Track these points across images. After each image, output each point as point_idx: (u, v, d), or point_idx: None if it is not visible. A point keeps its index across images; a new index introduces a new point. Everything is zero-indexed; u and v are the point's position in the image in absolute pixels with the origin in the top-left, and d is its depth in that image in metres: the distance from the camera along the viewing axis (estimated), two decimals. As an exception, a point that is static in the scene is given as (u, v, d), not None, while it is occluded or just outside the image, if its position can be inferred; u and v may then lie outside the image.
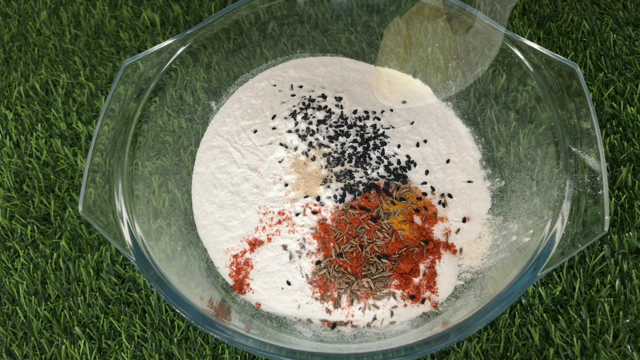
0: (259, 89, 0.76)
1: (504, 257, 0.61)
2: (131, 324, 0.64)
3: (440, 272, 0.62)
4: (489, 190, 0.69)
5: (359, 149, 0.68)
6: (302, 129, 0.70)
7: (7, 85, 0.85)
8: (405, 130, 0.71)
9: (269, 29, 0.75)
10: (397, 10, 0.73)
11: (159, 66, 0.67)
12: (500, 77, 0.68)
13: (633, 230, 0.65)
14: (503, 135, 0.69)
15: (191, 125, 0.73)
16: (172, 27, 0.88)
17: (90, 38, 0.89)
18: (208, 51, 0.71)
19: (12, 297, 0.67)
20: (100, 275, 0.67)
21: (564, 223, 0.55)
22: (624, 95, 0.75)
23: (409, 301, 0.61)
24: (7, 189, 0.75)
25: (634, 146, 0.71)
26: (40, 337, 0.64)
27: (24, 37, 0.90)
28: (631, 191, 0.68)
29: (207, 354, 0.62)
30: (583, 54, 0.80)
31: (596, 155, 0.57)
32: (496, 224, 0.66)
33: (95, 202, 0.58)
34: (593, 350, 0.59)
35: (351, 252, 0.62)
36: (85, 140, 0.78)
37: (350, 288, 0.61)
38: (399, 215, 0.64)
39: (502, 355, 0.60)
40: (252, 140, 0.72)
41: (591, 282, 0.63)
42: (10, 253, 0.70)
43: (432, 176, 0.68)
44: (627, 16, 0.83)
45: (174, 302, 0.53)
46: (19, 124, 0.81)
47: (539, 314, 0.62)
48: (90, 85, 0.83)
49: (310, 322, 0.61)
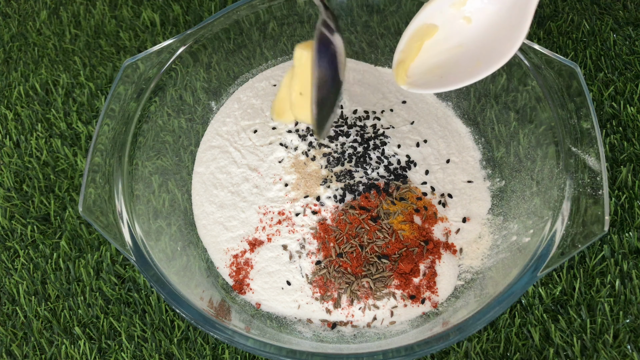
0: (259, 89, 0.76)
1: (504, 257, 0.61)
2: (131, 324, 0.64)
3: (440, 272, 0.62)
4: (489, 190, 0.69)
5: (359, 149, 0.68)
6: (302, 128, 0.70)
7: (7, 85, 0.85)
8: (405, 130, 0.71)
9: (269, 29, 0.75)
10: (397, 10, 0.73)
11: (159, 66, 0.67)
12: (500, 77, 0.68)
13: (633, 230, 0.65)
14: (503, 135, 0.69)
15: (191, 125, 0.73)
16: (172, 27, 0.88)
17: (90, 38, 0.89)
18: (208, 51, 0.71)
19: (12, 297, 0.67)
20: (100, 275, 0.67)
21: (564, 223, 0.55)
22: (624, 95, 0.75)
23: (409, 301, 0.61)
24: (7, 189, 0.75)
25: (634, 146, 0.71)
26: (40, 337, 0.64)
27: (24, 37, 0.90)
28: (631, 191, 0.68)
29: (207, 354, 0.62)
30: (583, 54, 0.80)
31: (596, 155, 0.57)
32: (496, 224, 0.66)
33: (95, 202, 0.58)
34: (593, 350, 0.59)
35: (351, 252, 0.62)
36: (85, 140, 0.78)
37: (350, 288, 0.61)
38: (399, 215, 0.64)
39: (502, 355, 0.60)
40: (252, 140, 0.72)
41: (591, 282, 0.63)
42: (10, 253, 0.70)
43: (432, 176, 0.68)
44: (627, 16, 0.83)
45: (174, 302, 0.53)
46: (19, 124, 0.81)
47: (539, 314, 0.62)
48: (90, 85, 0.83)
49: (310, 322, 0.61)
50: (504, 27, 0.52)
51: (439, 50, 0.56)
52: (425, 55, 0.56)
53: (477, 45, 0.54)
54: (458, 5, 0.54)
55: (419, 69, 0.56)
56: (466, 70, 0.53)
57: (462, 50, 0.54)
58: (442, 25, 0.55)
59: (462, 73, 0.54)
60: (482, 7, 0.53)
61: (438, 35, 0.55)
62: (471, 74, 0.53)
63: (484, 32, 0.53)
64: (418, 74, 0.56)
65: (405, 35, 0.56)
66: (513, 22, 0.51)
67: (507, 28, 0.51)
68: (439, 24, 0.55)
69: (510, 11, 0.51)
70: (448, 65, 0.55)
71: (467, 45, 0.54)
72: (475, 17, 0.54)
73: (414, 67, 0.57)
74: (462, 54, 0.54)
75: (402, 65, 0.56)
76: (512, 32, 0.51)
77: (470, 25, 0.54)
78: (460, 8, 0.54)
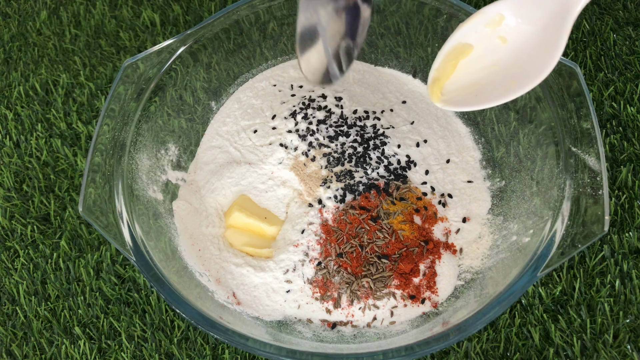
0: (259, 89, 0.76)
1: (504, 257, 0.61)
2: (131, 324, 0.64)
3: (440, 272, 0.62)
4: (489, 190, 0.69)
5: (359, 149, 0.68)
6: (302, 129, 0.70)
7: (7, 85, 0.85)
8: (405, 130, 0.71)
9: (269, 29, 0.75)
10: (397, 10, 0.73)
11: (159, 66, 0.67)
12: (500, 77, 0.68)
13: (633, 230, 0.65)
14: (503, 135, 0.69)
15: (191, 125, 0.73)
16: (172, 27, 0.88)
17: (90, 38, 0.89)
18: (208, 51, 0.71)
19: (12, 297, 0.67)
20: (100, 275, 0.67)
21: (564, 223, 0.55)
22: (624, 95, 0.75)
23: (409, 301, 0.61)
24: (7, 189, 0.75)
25: (634, 146, 0.71)
26: (40, 337, 0.64)
27: (24, 37, 0.90)
28: (631, 191, 0.68)
29: (207, 354, 0.62)
30: (583, 54, 0.80)
31: (596, 155, 0.57)
32: (496, 224, 0.66)
33: (95, 202, 0.58)
34: (593, 350, 0.59)
35: (351, 252, 0.62)
36: (85, 140, 0.78)
37: (350, 288, 0.61)
38: (399, 215, 0.64)
39: (502, 355, 0.60)
40: (252, 140, 0.72)
41: (591, 282, 0.63)
42: (10, 253, 0.70)
43: (432, 176, 0.68)
44: (627, 16, 0.83)
45: (174, 302, 0.53)
46: (19, 124, 0.81)
47: (539, 314, 0.62)
48: (90, 85, 0.83)
49: (310, 322, 0.61)
50: (539, 46, 0.52)
51: (474, 69, 0.56)
52: (460, 74, 0.57)
53: (512, 64, 0.54)
54: (493, 25, 0.54)
55: (453, 87, 0.57)
56: (500, 88, 0.54)
57: (497, 70, 0.55)
58: (477, 45, 0.56)
59: (496, 91, 0.54)
60: (517, 27, 0.54)
61: (473, 54, 0.56)
62: (505, 93, 0.53)
63: (519, 52, 0.54)
64: (452, 91, 0.57)
65: (440, 54, 0.56)
66: (548, 41, 0.51)
67: (542, 47, 0.52)
68: (474, 43, 0.56)
69: (545, 31, 0.52)
70: (482, 83, 0.56)
71: (502, 64, 0.55)
72: (510, 36, 0.54)
73: (449, 85, 0.57)
74: (497, 72, 0.55)
75: (437, 83, 0.57)
76: (547, 51, 0.51)
77: (505, 45, 0.54)
78: (496, 28, 0.54)
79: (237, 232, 0.65)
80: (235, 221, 0.65)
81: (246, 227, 0.65)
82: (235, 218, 0.64)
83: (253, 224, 0.64)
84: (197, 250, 0.65)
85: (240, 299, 0.62)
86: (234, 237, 0.64)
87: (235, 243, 0.64)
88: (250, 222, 0.64)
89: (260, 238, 0.65)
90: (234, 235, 0.64)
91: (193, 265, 0.63)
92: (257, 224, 0.64)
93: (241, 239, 0.64)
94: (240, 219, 0.64)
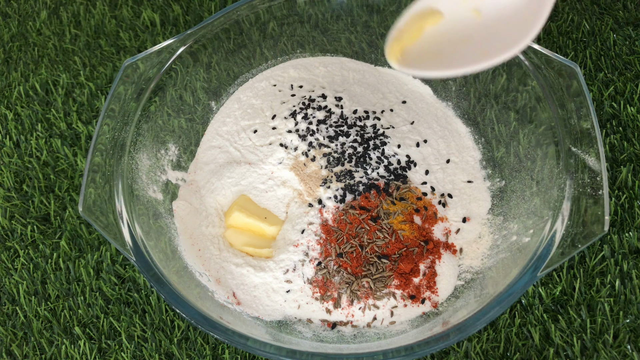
0: (259, 89, 0.76)
1: (504, 257, 0.61)
2: (131, 324, 0.64)
3: (440, 272, 0.62)
4: (489, 190, 0.69)
5: (359, 149, 0.68)
6: (302, 128, 0.70)
7: (7, 85, 0.85)
8: (405, 130, 0.71)
9: (269, 29, 0.75)
10: (397, 10, 0.73)
11: (159, 66, 0.67)
12: (500, 77, 0.68)
13: (633, 230, 0.65)
14: (503, 135, 0.69)
15: (191, 125, 0.73)
16: (172, 27, 0.88)
17: (90, 38, 0.89)
18: (208, 51, 0.71)
19: (12, 297, 0.67)
20: (100, 275, 0.67)
21: (564, 223, 0.55)
22: (624, 95, 0.75)
23: (409, 301, 0.61)
24: (7, 189, 0.75)
25: (634, 146, 0.71)
26: (40, 337, 0.64)
27: (24, 37, 0.90)
28: (631, 191, 0.68)
29: (207, 354, 0.62)
30: (583, 54, 0.80)
31: (596, 155, 0.57)
32: (496, 224, 0.66)
33: (95, 202, 0.58)
34: (593, 350, 0.59)
35: (351, 252, 0.62)
36: (85, 140, 0.78)
37: (350, 288, 0.61)
38: (399, 215, 0.64)
39: (502, 355, 0.60)
40: (252, 140, 0.72)
41: (591, 282, 0.63)
42: (10, 253, 0.70)
43: (432, 176, 0.68)
44: (627, 16, 0.83)
45: (174, 302, 0.53)
46: (19, 124, 0.81)
47: (539, 314, 0.62)
48: (90, 85, 0.83)
49: (310, 322, 0.61)
50: (516, 20, 0.48)
51: (441, 40, 0.52)
52: (425, 41, 0.53)
53: (484, 39, 0.50)
54: None
55: (416, 51, 0.53)
56: (467, 59, 0.50)
57: (467, 42, 0.51)
58: (448, 14, 0.51)
59: (462, 61, 0.50)
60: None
61: (442, 23, 0.52)
62: (472, 63, 0.49)
63: (494, 26, 0.50)
64: (413, 54, 0.53)
65: (406, 14, 0.52)
66: (526, 15, 0.48)
67: (519, 21, 0.48)
68: (445, 11, 0.51)
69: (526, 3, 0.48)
70: (448, 53, 0.52)
71: (474, 38, 0.51)
72: (485, 9, 0.50)
73: (411, 48, 0.53)
74: (467, 45, 0.51)
75: (397, 42, 0.53)
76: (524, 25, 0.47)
77: (479, 18, 0.50)
78: None
79: (237, 232, 0.65)
80: (235, 221, 0.65)
81: (246, 227, 0.65)
82: (235, 218, 0.64)
83: (253, 224, 0.64)
84: (197, 250, 0.65)
85: (240, 299, 0.62)
86: (234, 237, 0.64)
87: (235, 243, 0.64)
88: (250, 222, 0.64)
89: (260, 238, 0.65)
90: (234, 235, 0.64)
91: (193, 265, 0.63)
92: (257, 224, 0.64)
93: (241, 239, 0.64)
94: (240, 219, 0.64)
